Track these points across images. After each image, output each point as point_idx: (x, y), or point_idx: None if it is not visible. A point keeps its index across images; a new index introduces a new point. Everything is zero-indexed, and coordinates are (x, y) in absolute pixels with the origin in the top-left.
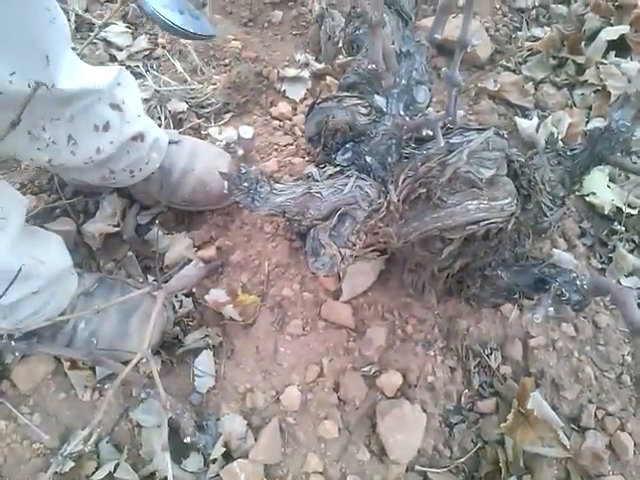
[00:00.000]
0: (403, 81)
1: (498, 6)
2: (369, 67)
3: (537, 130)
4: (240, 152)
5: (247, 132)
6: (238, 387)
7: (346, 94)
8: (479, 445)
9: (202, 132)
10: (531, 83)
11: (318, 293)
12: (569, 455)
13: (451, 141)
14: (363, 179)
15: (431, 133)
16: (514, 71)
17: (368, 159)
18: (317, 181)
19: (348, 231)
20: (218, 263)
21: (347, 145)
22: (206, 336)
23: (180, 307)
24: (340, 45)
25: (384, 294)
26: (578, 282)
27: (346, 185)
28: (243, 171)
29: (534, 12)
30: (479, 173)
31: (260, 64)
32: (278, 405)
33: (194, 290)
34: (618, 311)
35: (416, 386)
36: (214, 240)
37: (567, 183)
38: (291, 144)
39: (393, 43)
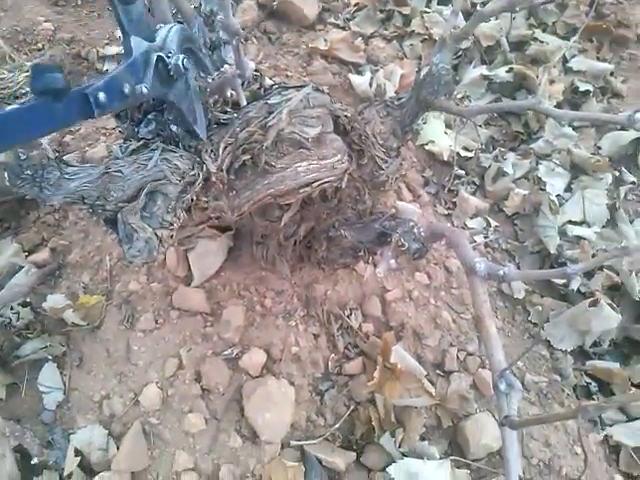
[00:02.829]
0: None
1: None
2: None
3: (370, 85)
4: None
5: None
6: (93, 396)
7: None
8: (352, 408)
9: None
10: (360, 39)
11: (167, 282)
12: (436, 401)
13: (270, 102)
14: (171, 151)
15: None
16: (343, 28)
17: (174, 128)
18: (118, 159)
19: (162, 210)
20: (54, 266)
21: (149, 116)
22: (47, 346)
23: (18, 320)
24: None
25: (237, 272)
26: (416, 230)
27: (150, 159)
28: (23, 157)
29: None
30: (304, 133)
31: (77, 45)
32: (138, 407)
33: (29, 299)
34: None
35: (281, 360)
36: (46, 241)
37: (399, 133)
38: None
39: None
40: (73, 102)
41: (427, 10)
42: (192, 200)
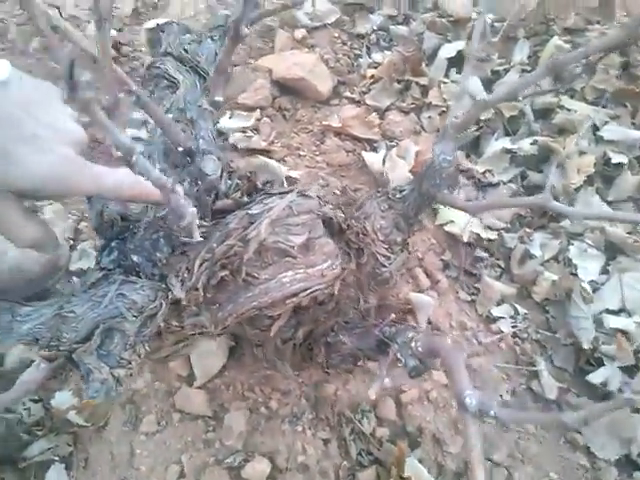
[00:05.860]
0: None
1: (337, 34)
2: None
3: (384, 163)
4: None
5: None
6: None
7: None
8: None
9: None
10: (375, 113)
11: (171, 381)
12: None
13: (251, 212)
14: (131, 282)
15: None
16: (359, 102)
17: (135, 258)
18: (74, 296)
19: (119, 347)
20: (63, 360)
21: (112, 243)
22: (54, 447)
23: (29, 416)
24: None
25: (241, 371)
26: (413, 344)
27: (106, 295)
28: None
29: (374, 36)
30: (289, 241)
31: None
32: None
33: (40, 395)
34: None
35: (287, 469)
36: None
37: (403, 227)
38: None
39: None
40: None
41: (445, 80)
42: (160, 326)
